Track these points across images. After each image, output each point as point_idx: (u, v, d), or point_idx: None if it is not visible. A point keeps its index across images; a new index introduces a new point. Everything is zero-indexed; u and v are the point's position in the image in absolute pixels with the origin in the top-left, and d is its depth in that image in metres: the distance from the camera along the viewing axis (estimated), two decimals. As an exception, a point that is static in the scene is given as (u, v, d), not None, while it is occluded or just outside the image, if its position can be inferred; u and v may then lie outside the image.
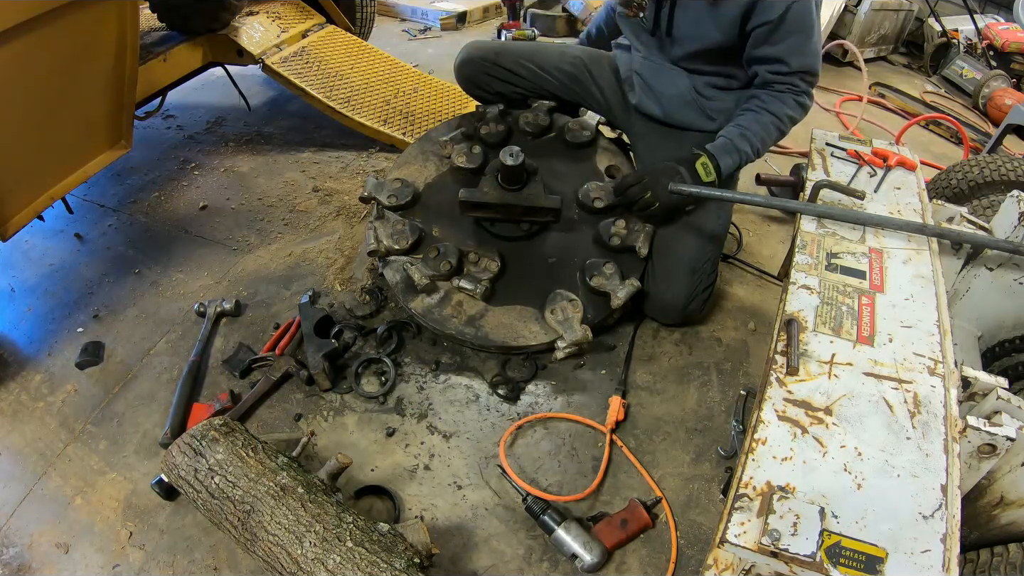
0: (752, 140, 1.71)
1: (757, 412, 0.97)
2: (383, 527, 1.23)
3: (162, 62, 2.32)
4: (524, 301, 1.78)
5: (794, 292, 1.17)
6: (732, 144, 1.71)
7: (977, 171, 2.02)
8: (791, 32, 1.60)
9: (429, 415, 1.68)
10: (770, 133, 1.73)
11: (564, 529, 1.37)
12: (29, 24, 1.46)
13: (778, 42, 1.63)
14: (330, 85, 2.66)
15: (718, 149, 1.71)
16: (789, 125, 1.75)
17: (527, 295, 1.79)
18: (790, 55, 1.64)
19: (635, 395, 1.74)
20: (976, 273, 1.46)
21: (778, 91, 1.71)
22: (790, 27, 1.59)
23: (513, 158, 1.72)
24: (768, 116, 1.71)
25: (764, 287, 2.12)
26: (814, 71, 1.70)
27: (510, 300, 1.79)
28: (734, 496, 0.86)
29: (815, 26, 1.64)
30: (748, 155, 1.72)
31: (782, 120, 1.72)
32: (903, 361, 1.04)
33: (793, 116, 1.74)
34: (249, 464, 1.27)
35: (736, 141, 1.71)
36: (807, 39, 1.63)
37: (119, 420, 1.67)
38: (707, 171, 1.70)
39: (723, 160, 1.71)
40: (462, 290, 1.76)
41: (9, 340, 1.89)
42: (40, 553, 1.41)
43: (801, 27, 1.60)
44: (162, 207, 2.40)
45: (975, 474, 1.00)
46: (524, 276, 1.83)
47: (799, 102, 1.72)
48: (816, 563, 0.79)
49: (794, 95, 1.71)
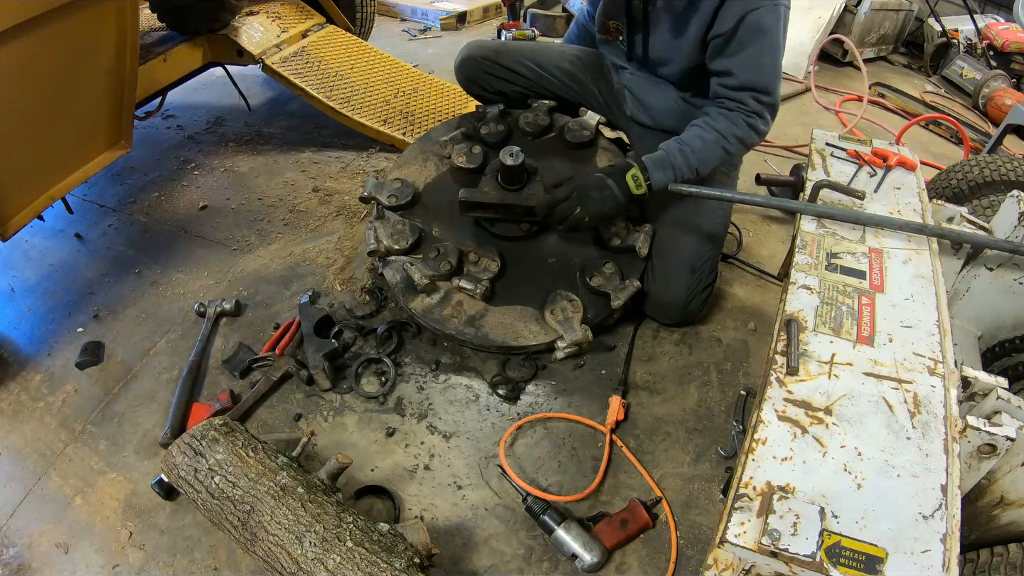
0: (690, 158, 1.64)
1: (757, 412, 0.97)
2: (383, 527, 1.23)
3: (162, 62, 2.32)
4: (524, 301, 1.78)
5: (794, 292, 1.17)
6: (668, 159, 1.65)
7: (977, 171, 2.02)
8: (744, 45, 1.56)
9: (429, 415, 1.68)
10: (713, 152, 1.65)
11: (564, 529, 1.37)
12: (29, 24, 1.46)
13: (731, 54, 1.59)
14: (330, 85, 2.66)
15: (653, 162, 1.66)
16: (736, 146, 1.66)
17: (527, 295, 1.79)
18: (740, 67, 1.59)
19: (635, 395, 1.74)
20: (976, 273, 1.46)
21: (728, 109, 1.65)
22: (743, 39, 1.55)
23: (513, 158, 1.72)
24: (713, 134, 1.65)
25: (764, 287, 2.12)
26: (766, 89, 1.61)
27: (510, 300, 1.79)
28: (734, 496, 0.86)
29: (775, 46, 1.59)
30: (684, 172, 1.65)
31: (728, 140, 1.65)
32: (903, 361, 1.04)
33: (741, 137, 1.65)
34: (249, 464, 1.27)
35: (673, 156, 1.65)
36: (761, 54, 1.58)
37: (119, 420, 1.67)
38: (637, 183, 1.65)
39: (656, 174, 1.65)
40: (462, 290, 1.76)
41: (9, 340, 1.89)
42: (40, 553, 1.41)
43: (755, 40, 1.56)
44: (162, 207, 2.40)
45: (975, 474, 1.00)
46: (524, 276, 1.83)
47: (750, 123, 1.64)
48: (816, 563, 0.79)
49: (745, 115, 1.63)
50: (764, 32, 1.55)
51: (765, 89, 1.61)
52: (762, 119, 1.65)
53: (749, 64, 1.59)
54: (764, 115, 1.65)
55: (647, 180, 1.66)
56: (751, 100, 1.62)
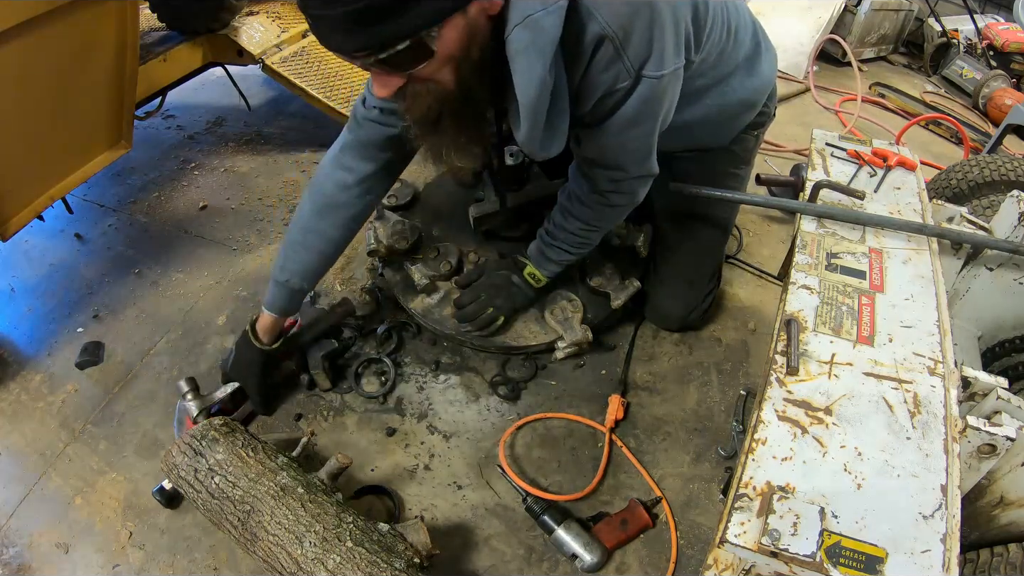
0: (568, 249, 1.59)
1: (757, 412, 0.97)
2: (383, 527, 1.23)
3: (162, 62, 2.32)
4: (524, 301, 1.78)
5: (794, 292, 1.17)
6: (544, 255, 1.63)
7: (977, 171, 2.02)
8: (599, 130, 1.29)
9: (429, 415, 1.68)
10: (585, 238, 1.56)
11: (564, 529, 1.37)
12: (29, 24, 1.46)
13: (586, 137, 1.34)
14: (330, 85, 2.66)
15: (535, 260, 1.65)
16: (604, 224, 1.55)
17: (527, 295, 1.79)
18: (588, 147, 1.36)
19: (635, 395, 1.74)
20: (976, 273, 1.46)
21: (582, 180, 1.46)
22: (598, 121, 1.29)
23: (513, 158, 1.73)
24: (575, 224, 1.52)
25: (764, 287, 2.12)
26: (617, 166, 1.37)
27: (510, 300, 1.79)
28: (734, 496, 0.86)
29: (635, 137, 1.30)
30: (566, 260, 1.62)
31: (590, 225, 1.52)
32: (903, 361, 1.04)
33: (600, 220, 1.52)
34: (249, 464, 1.27)
35: (547, 252, 1.62)
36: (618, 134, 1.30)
37: (119, 420, 1.67)
38: (535, 279, 1.68)
39: (543, 269, 1.65)
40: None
41: (9, 340, 1.89)
42: (40, 553, 1.41)
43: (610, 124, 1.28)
44: (162, 207, 2.40)
45: (975, 474, 1.00)
46: (524, 276, 1.83)
47: (606, 204, 1.46)
48: (816, 563, 0.79)
49: (598, 195, 1.45)
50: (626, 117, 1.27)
51: (616, 166, 1.38)
52: (619, 193, 1.44)
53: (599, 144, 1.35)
54: (621, 189, 1.43)
55: (544, 274, 1.67)
56: (602, 177, 1.41)
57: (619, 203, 1.47)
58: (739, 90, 1.53)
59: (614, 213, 1.52)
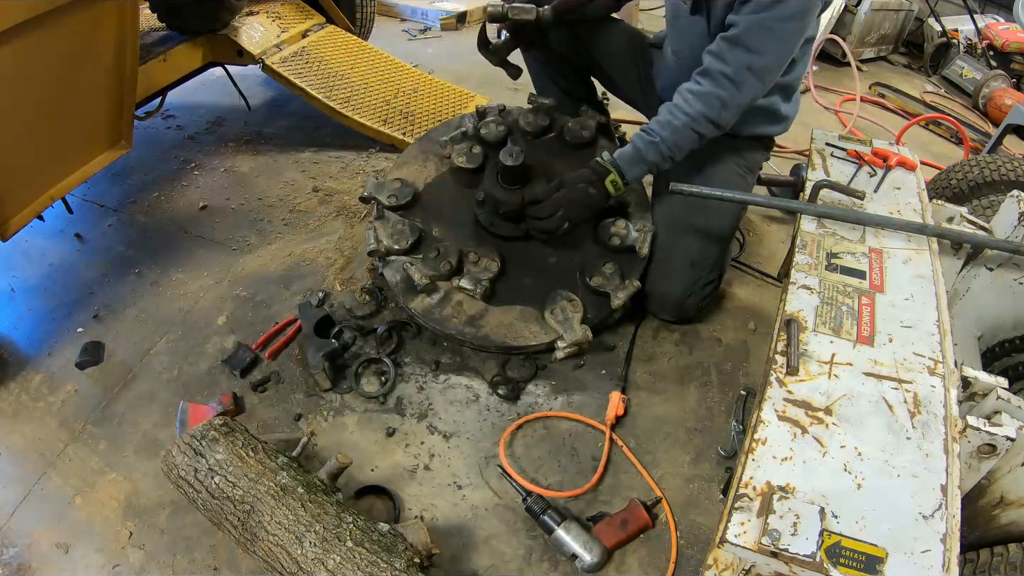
0: (661, 148, 1.64)
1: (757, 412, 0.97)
2: (383, 527, 1.23)
3: (162, 62, 2.32)
4: (524, 301, 1.78)
5: (794, 292, 1.17)
6: (641, 154, 1.67)
7: (977, 171, 2.02)
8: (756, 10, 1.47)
9: (429, 415, 1.68)
10: (684, 137, 1.63)
11: (564, 529, 1.37)
12: (29, 24, 1.46)
13: (739, 10, 1.50)
14: (330, 85, 2.66)
15: (627, 159, 1.69)
16: (707, 127, 1.61)
17: (527, 295, 1.79)
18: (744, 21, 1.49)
19: (635, 395, 1.74)
20: (976, 273, 1.46)
21: (704, 77, 1.58)
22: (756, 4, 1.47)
23: (513, 158, 1.73)
24: (682, 119, 1.61)
25: (764, 287, 2.12)
26: (753, 67, 1.51)
27: (510, 300, 1.79)
28: (734, 496, 0.86)
29: (789, 31, 1.50)
30: (657, 163, 1.67)
31: (698, 122, 1.60)
32: (903, 361, 1.04)
33: (713, 119, 1.59)
34: (249, 464, 1.27)
35: (645, 151, 1.66)
36: (770, 30, 1.47)
37: (119, 420, 1.67)
38: (616, 187, 1.72)
39: (630, 171, 1.70)
40: (462, 290, 1.76)
41: (9, 340, 1.89)
42: (40, 553, 1.41)
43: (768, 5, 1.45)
44: (162, 207, 2.40)
45: (975, 474, 1.00)
46: (524, 276, 1.83)
47: (722, 99, 1.56)
48: (816, 563, 0.79)
49: (720, 88, 1.55)
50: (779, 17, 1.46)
51: (758, 50, 1.50)
52: (739, 92, 1.55)
53: (754, 29, 1.48)
54: (742, 88, 1.55)
55: (624, 181, 1.70)
56: (735, 62, 1.51)
57: (730, 101, 1.56)
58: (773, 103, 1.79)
59: (717, 115, 1.59)
